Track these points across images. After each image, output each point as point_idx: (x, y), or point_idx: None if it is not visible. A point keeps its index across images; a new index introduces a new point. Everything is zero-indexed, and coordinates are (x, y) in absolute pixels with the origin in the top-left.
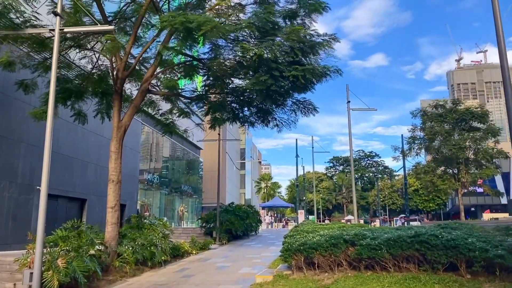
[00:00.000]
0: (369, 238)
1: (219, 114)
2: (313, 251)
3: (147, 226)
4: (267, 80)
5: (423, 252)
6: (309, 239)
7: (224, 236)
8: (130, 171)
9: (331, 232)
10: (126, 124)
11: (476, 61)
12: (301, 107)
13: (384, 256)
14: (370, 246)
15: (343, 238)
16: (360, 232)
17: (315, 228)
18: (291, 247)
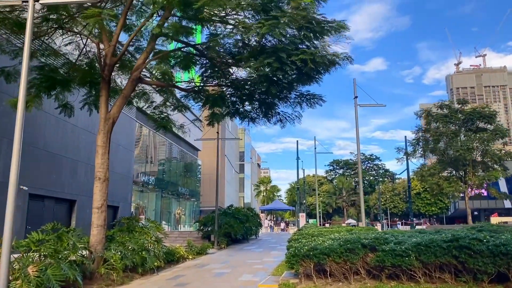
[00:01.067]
0: (393, 242)
1: (218, 109)
2: (325, 257)
3: (139, 229)
4: (273, 64)
5: (464, 259)
6: (319, 244)
7: (222, 240)
8: (123, 171)
9: (342, 235)
10: (115, 116)
11: (475, 65)
12: (305, 100)
13: (412, 264)
14: (395, 252)
15: (360, 243)
16: (380, 236)
17: (320, 232)
18: (299, 252)
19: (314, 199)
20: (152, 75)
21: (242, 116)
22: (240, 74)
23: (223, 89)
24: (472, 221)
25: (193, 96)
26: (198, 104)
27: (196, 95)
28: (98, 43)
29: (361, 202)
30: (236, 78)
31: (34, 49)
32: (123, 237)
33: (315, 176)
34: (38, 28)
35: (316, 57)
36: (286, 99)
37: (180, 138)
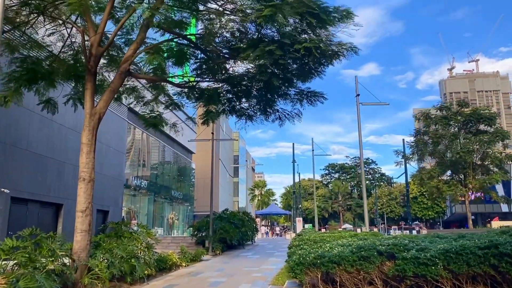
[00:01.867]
0: (415, 249)
1: (213, 107)
2: (335, 266)
3: (128, 235)
4: (275, 51)
5: (505, 269)
6: (327, 251)
7: (217, 246)
8: (114, 174)
9: (351, 241)
10: (101, 111)
11: (468, 70)
12: (306, 97)
13: (439, 274)
14: (419, 260)
15: (376, 249)
16: (399, 242)
17: (323, 237)
18: (304, 260)
19: (310, 204)
20: (142, 71)
21: (238, 114)
22: (237, 69)
23: (218, 85)
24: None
25: (186, 94)
26: (192, 102)
27: (190, 91)
28: (83, 32)
29: (364, 206)
30: (233, 73)
31: (14, 40)
32: (110, 243)
33: (313, 179)
34: (17, 14)
35: (322, 45)
36: (285, 95)
37: (174, 140)
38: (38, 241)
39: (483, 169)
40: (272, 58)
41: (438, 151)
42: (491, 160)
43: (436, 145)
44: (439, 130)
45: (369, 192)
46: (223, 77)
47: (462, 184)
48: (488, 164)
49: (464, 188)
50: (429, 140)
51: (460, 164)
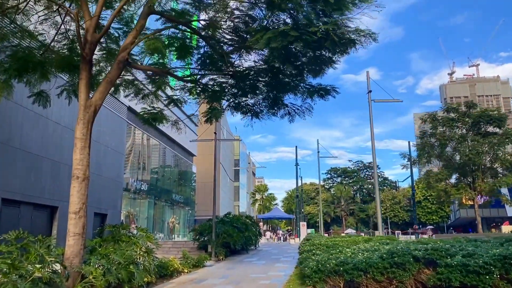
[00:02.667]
0: (460, 254)
1: (217, 104)
2: (361, 274)
3: (126, 239)
4: (290, 32)
5: None
6: (349, 256)
7: (220, 251)
8: (113, 176)
9: (373, 245)
10: (97, 104)
11: (469, 75)
12: (317, 91)
13: (494, 284)
14: (468, 267)
15: (412, 255)
16: (440, 246)
17: (335, 242)
18: (324, 267)
19: (312, 208)
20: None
21: (244, 111)
22: (243, 64)
23: (223, 80)
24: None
25: (189, 89)
26: (194, 99)
27: (192, 87)
28: (77, 15)
29: (377, 210)
30: (239, 67)
31: (3, 28)
32: (107, 248)
33: (319, 182)
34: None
35: (341, 28)
36: (295, 88)
37: (175, 142)
38: (25, 245)
39: (492, 172)
40: (286, 41)
41: (445, 154)
42: (501, 163)
43: (443, 148)
44: (446, 132)
45: (371, 196)
46: (229, 71)
47: (471, 188)
48: (498, 167)
49: (473, 191)
50: (436, 142)
51: (469, 166)
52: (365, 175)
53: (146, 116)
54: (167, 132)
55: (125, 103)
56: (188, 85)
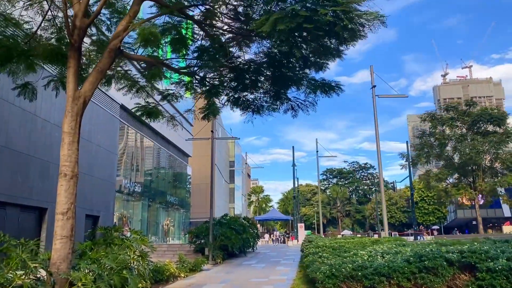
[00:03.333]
0: (504, 257)
1: (215, 100)
2: (383, 279)
3: (118, 242)
4: (300, 12)
5: None
6: (367, 260)
7: (218, 254)
8: (105, 176)
9: (383, 247)
10: (87, 95)
11: (462, 76)
12: (320, 86)
13: None
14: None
15: (445, 258)
16: (478, 248)
17: (341, 244)
18: (338, 271)
19: (308, 210)
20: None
21: (244, 106)
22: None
23: (222, 73)
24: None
25: (186, 84)
26: (191, 94)
27: (189, 82)
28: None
29: (383, 209)
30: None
31: None
32: (98, 252)
33: (317, 180)
34: None
35: (351, 11)
36: (299, 82)
37: (169, 142)
38: (6, 250)
39: (492, 171)
40: (295, 22)
41: (444, 153)
42: (502, 162)
43: (442, 147)
44: (446, 131)
45: (367, 197)
46: (228, 64)
47: (471, 187)
48: (498, 167)
49: (474, 191)
50: (435, 142)
51: (469, 166)
52: (360, 176)
53: (140, 111)
54: (162, 131)
55: (118, 101)
56: (184, 79)
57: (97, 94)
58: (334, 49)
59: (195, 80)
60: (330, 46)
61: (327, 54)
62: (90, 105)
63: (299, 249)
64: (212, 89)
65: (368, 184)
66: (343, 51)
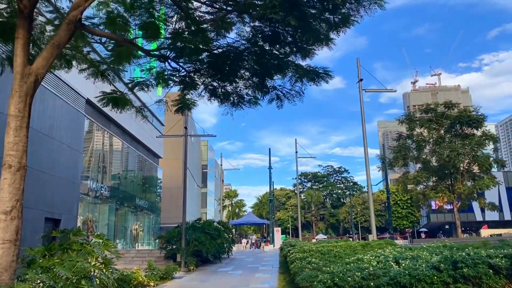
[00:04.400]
0: None
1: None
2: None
3: (77, 247)
4: None
5: None
6: (376, 266)
7: (191, 260)
8: (68, 176)
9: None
10: (39, 73)
11: (431, 84)
12: (307, 72)
13: None
14: None
15: (489, 264)
16: None
17: (330, 248)
18: (343, 281)
19: (282, 214)
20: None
21: (223, 98)
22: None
23: (199, 58)
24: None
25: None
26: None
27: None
28: None
29: (370, 211)
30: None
31: None
32: (51, 259)
33: (296, 181)
34: None
35: None
36: (285, 70)
37: (139, 142)
38: None
39: (470, 174)
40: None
41: (422, 156)
42: (480, 165)
43: (420, 149)
44: (424, 133)
45: (341, 201)
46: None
47: (450, 190)
48: (476, 170)
49: (452, 194)
50: (413, 144)
51: (447, 169)
52: (335, 179)
53: (105, 98)
54: (131, 130)
55: (84, 95)
56: (155, 65)
57: (60, 86)
58: (324, 35)
59: (168, 66)
60: (319, 31)
61: (316, 39)
62: (52, 98)
63: (276, 254)
64: (187, 79)
65: (342, 188)
66: (333, 39)
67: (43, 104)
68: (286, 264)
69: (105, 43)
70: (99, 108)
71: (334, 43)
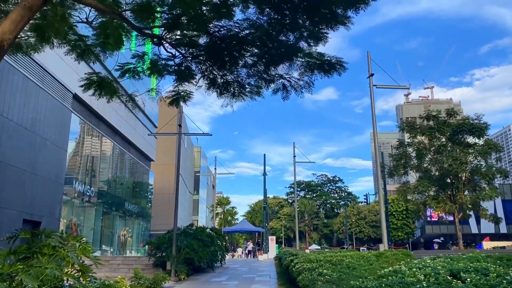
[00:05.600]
0: None
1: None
2: None
3: (48, 251)
4: None
5: None
6: (428, 282)
7: (182, 269)
8: (51, 176)
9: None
10: (5, 38)
11: (424, 97)
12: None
13: None
14: None
15: None
16: None
17: (340, 258)
18: None
19: (275, 223)
20: None
21: (223, 88)
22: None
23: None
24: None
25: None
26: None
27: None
28: None
29: (381, 218)
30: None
31: None
32: (13, 265)
33: (294, 184)
34: None
35: None
36: (295, 57)
37: (130, 143)
38: None
39: (472, 184)
40: None
41: (422, 165)
42: (483, 175)
43: (422, 158)
44: (425, 142)
45: (334, 211)
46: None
47: (451, 201)
48: (478, 180)
49: (454, 204)
50: (413, 152)
51: (449, 178)
52: (328, 189)
53: (90, 83)
54: (122, 130)
55: (71, 90)
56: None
57: (45, 78)
58: (340, 15)
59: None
60: (333, 12)
61: (331, 20)
62: (36, 90)
63: (271, 263)
64: (183, 69)
65: (336, 198)
66: (350, 17)
67: (25, 95)
68: (285, 275)
69: (92, 22)
70: (88, 106)
71: (352, 22)
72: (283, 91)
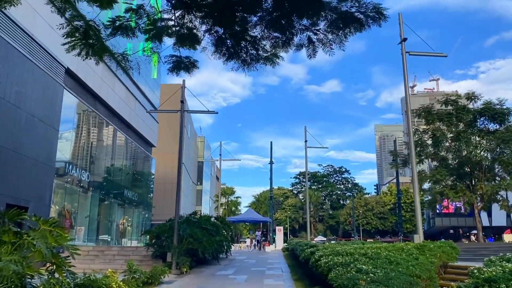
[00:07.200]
0: None
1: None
2: None
3: (12, 238)
4: None
5: None
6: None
7: (184, 261)
8: (40, 157)
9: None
10: None
11: (429, 89)
12: (350, 15)
13: None
14: None
15: None
16: None
17: (374, 251)
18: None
19: (280, 214)
20: None
21: (230, 50)
22: None
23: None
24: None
25: (149, 25)
26: (152, 37)
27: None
28: None
29: (416, 205)
30: None
31: None
32: None
33: (305, 171)
34: None
35: None
36: (322, 10)
37: (130, 127)
38: None
39: (492, 173)
40: None
41: (439, 153)
42: (506, 163)
43: (439, 145)
44: (443, 128)
45: (340, 202)
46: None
47: (470, 190)
48: (500, 169)
49: (473, 194)
50: (429, 140)
51: (467, 167)
52: (335, 180)
53: (72, 35)
54: (121, 112)
55: (64, 64)
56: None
57: (34, 48)
58: None
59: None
60: None
61: None
62: (22, 60)
63: (279, 255)
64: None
65: (342, 189)
66: None
67: (7, 64)
68: (300, 268)
69: None
70: (83, 82)
71: None
72: (308, 47)
